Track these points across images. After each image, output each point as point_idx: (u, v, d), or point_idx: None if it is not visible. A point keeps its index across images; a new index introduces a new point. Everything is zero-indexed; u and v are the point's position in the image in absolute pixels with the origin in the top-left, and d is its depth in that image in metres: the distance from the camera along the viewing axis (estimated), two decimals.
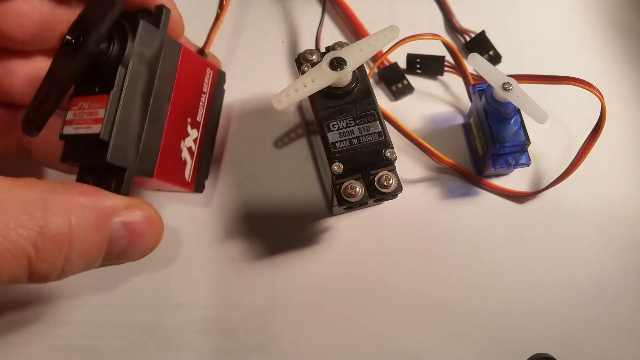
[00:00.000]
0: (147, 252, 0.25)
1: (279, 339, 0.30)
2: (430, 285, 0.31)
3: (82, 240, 0.21)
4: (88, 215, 0.21)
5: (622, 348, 0.30)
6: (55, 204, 0.20)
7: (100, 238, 0.22)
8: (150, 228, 0.24)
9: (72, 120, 0.24)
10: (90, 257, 0.22)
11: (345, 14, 0.37)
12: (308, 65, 0.29)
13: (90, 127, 0.24)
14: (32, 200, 0.20)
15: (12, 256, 0.19)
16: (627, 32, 0.37)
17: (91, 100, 0.24)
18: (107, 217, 0.22)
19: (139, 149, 0.25)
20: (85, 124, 0.24)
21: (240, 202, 0.32)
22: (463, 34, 0.37)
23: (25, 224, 0.19)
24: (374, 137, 0.27)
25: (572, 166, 0.30)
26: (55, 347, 0.30)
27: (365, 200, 0.26)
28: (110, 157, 0.23)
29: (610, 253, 0.31)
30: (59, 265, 0.20)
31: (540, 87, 0.29)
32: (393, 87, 0.35)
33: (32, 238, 0.19)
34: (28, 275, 0.20)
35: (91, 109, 0.24)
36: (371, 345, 0.30)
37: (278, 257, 0.31)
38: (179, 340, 0.30)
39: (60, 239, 0.20)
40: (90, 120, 0.24)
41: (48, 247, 0.20)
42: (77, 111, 0.24)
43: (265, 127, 0.34)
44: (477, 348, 0.30)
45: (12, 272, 0.19)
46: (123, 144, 0.24)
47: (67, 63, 0.23)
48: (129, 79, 0.24)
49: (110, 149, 0.23)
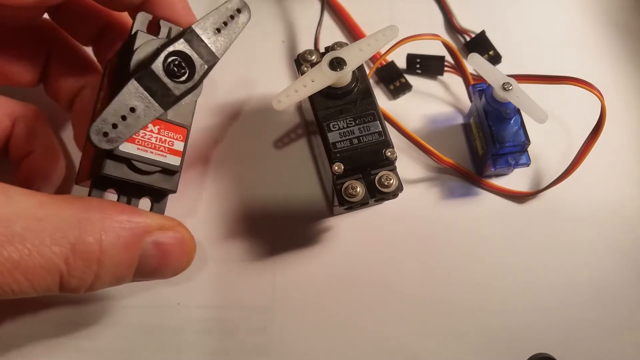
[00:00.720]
0: (177, 272, 0.25)
1: (279, 339, 0.30)
2: (430, 285, 0.31)
3: (112, 259, 0.22)
4: (120, 234, 0.22)
5: (622, 348, 0.30)
6: (89, 222, 0.21)
7: (130, 257, 0.22)
8: (182, 250, 0.24)
9: (135, 139, 0.24)
10: (119, 274, 0.22)
11: (342, 17, 0.37)
12: (307, 65, 0.29)
13: (165, 156, 0.25)
14: (68, 218, 0.21)
15: (45, 272, 0.20)
16: (627, 32, 0.37)
17: (163, 126, 0.25)
18: (139, 237, 0.22)
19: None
20: (155, 149, 0.24)
21: (241, 203, 0.32)
22: (463, 34, 0.37)
23: (59, 242, 0.20)
24: (374, 137, 0.27)
25: (572, 166, 0.30)
26: (56, 347, 0.30)
27: (366, 200, 0.26)
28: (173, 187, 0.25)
29: (610, 253, 0.31)
30: (88, 282, 0.21)
31: (540, 87, 0.29)
32: (391, 86, 0.35)
33: (64, 255, 0.20)
34: (59, 287, 0.21)
35: (162, 135, 0.24)
36: (371, 345, 0.30)
37: (278, 257, 0.31)
38: (179, 340, 0.30)
39: (90, 257, 0.21)
40: (163, 148, 0.25)
41: (79, 265, 0.21)
42: (142, 131, 0.24)
43: (265, 128, 0.34)
44: (477, 348, 0.30)
45: (45, 285, 0.20)
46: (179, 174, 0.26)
47: (168, 92, 0.24)
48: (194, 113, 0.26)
49: (177, 181, 0.25)
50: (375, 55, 0.35)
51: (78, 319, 0.30)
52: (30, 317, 0.30)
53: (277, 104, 0.26)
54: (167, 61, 0.24)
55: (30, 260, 0.20)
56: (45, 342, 0.30)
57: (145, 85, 0.23)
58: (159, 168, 0.25)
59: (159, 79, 0.24)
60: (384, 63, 0.35)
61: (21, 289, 0.20)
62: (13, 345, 0.29)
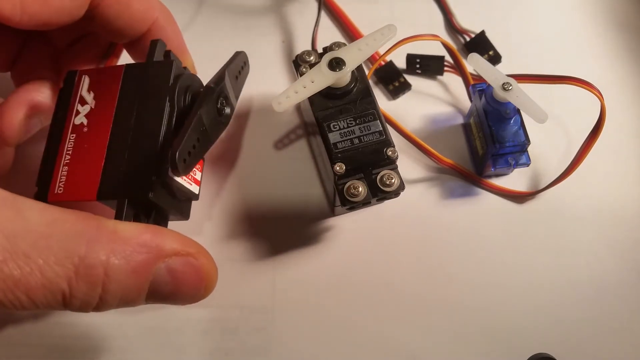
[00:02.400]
0: (195, 300, 0.23)
1: (279, 339, 0.30)
2: (430, 285, 0.31)
3: (119, 283, 0.20)
4: (130, 258, 0.21)
5: (622, 348, 0.30)
6: (98, 243, 0.20)
7: (139, 282, 0.21)
8: (197, 278, 0.23)
9: None
10: (128, 298, 0.21)
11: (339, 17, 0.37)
12: (306, 66, 0.29)
13: (191, 184, 0.27)
14: (77, 236, 0.20)
15: (47, 291, 0.19)
16: (627, 32, 0.37)
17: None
18: (150, 262, 0.21)
19: None
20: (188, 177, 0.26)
21: (241, 203, 0.32)
22: (463, 34, 0.37)
23: (63, 262, 0.19)
24: (374, 137, 0.27)
25: (571, 166, 0.30)
26: (56, 347, 0.29)
27: (368, 200, 0.26)
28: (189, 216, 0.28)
29: (610, 253, 0.31)
30: (92, 304, 0.21)
31: (540, 87, 0.29)
32: (390, 86, 0.35)
33: (67, 276, 0.19)
34: (63, 307, 0.20)
35: None
36: (371, 345, 0.30)
37: (278, 257, 0.31)
38: (179, 340, 0.30)
39: (94, 280, 0.20)
40: (190, 176, 0.27)
41: (81, 287, 0.20)
42: None
43: (265, 129, 0.34)
44: (477, 348, 0.30)
45: (48, 303, 0.20)
46: None
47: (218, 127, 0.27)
48: None
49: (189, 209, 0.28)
50: (374, 56, 0.35)
51: (78, 319, 0.30)
52: (31, 316, 0.30)
53: (277, 106, 0.26)
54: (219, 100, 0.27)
55: (32, 279, 0.19)
56: (45, 342, 0.30)
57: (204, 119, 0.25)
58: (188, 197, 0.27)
59: (215, 115, 0.27)
60: (382, 63, 0.35)
61: (23, 305, 0.19)
62: (14, 346, 0.29)
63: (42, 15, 0.24)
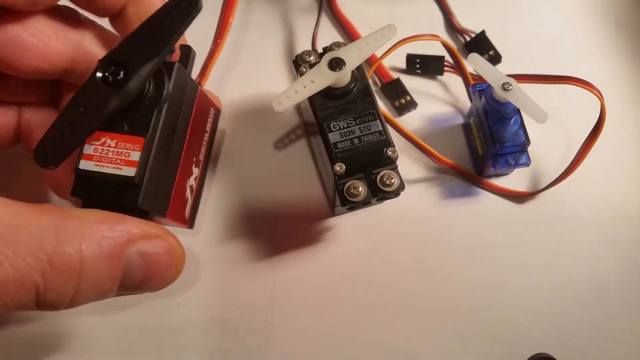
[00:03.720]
0: (165, 284, 0.23)
1: (279, 339, 0.30)
2: (430, 285, 0.31)
3: (94, 271, 0.20)
4: (102, 244, 0.20)
5: (622, 348, 0.30)
6: (68, 231, 0.19)
7: (113, 268, 0.21)
8: (170, 260, 0.23)
9: (93, 156, 0.23)
10: (102, 288, 0.21)
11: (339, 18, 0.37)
12: (306, 66, 0.29)
13: (121, 169, 0.23)
14: (46, 228, 0.19)
15: (19, 286, 0.18)
16: (628, 32, 0.37)
17: (119, 139, 0.23)
18: (122, 246, 0.21)
19: (159, 192, 0.25)
20: (112, 163, 0.23)
21: (241, 203, 0.32)
22: (463, 34, 0.37)
23: (35, 253, 0.18)
24: (374, 137, 0.27)
25: (572, 166, 0.30)
26: (56, 347, 0.30)
27: (368, 200, 0.26)
28: (141, 202, 0.23)
29: (610, 253, 0.31)
30: (68, 296, 0.20)
31: (540, 87, 0.29)
32: (396, 103, 0.35)
33: (40, 267, 0.19)
34: (36, 304, 0.19)
35: (119, 148, 0.23)
36: (371, 345, 0.30)
37: (278, 257, 0.31)
38: (179, 340, 0.30)
39: (70, 268, 0.19)
40: (119, 160, 0.23)
41: (57, 277, 0.19)
42: (100, 147, 0.23)
43: (265, 129, 0.34)
44: (477, 348, 0.30)
45: (19, 301, 0.19)
46: (151, 188, 0.24)
47: (100, 99, 0.22)
48: (163, 123, 0.24)
49: (142, 195, 0.23)
50: (372, 57, 0.35)
51: (78, 319, 0.30)
52: (31, 316, 0.30)
53: (277, 106, 0.26)
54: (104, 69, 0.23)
55: (2, 272, 0.18)
56: (45, 342, 0.30)
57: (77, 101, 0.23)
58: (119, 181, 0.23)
59: (100, 86, 0.23)
60: (388, 79, 0.35)
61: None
62: (13, 346, 0.29)
63: None
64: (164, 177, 0.25)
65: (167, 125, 0.24)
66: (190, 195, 0.29)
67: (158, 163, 0.24)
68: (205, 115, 0.30)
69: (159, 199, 0.25)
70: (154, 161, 0.24)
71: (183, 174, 0.27)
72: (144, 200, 0.23)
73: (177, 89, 0.25)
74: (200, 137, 0.29)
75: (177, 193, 0.27)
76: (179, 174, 0.27)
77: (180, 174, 0.27)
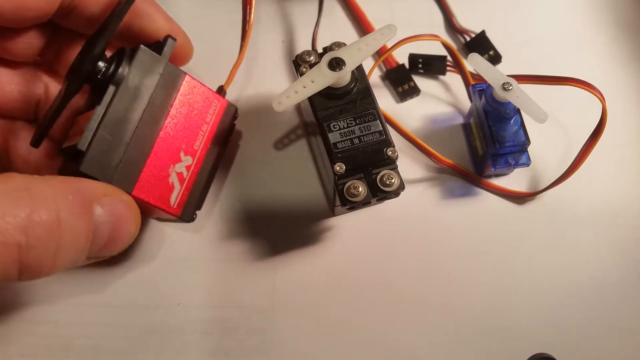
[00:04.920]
0: (129, 240, 0.24)
1: (279, 339, 0.30)
2: (430, 285, 0.31)
3: (71, 228, 0.20)
4: (73, 203, 0.21)
5: (622, 348, 0.30)
6: (41, 192, 0.20)
7: (86, 225, 0.21)
8: (130, 213, 0.24)
9: (71, 137, 0.26)
10: (79, 246, 0.21)
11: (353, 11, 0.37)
12: (306, 66, 0.29)
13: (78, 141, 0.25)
14: (17, 189, 0.19)
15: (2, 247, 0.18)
16: (629, 32, 0.37)
17: (86, 117, 0.26)
18: (90, 203, 0.22)
19: (118, 166, 0.26)
20: (77, 137, 0.25)
21: (241, 203, 0.32)
22: (463, 34, 0.37)
23: (13, 212, 0.18)
24: (374, 136, 0.27)
25: (572, 167, 0.30)
26: (56, 347, 0.30)
27: (368, 200, 0.26)
28: (83, 166, 0.24)
29: (611, 253, 0.31)
30: (50, 257, 0.20)
31: (541, 87, 0.29)
32: (399, 89, 0.35)
33: (21, 225, 0.18)
34: (19, 268, 0.19)
35: (83, 124, 0.25)
36: (371, 345, 0.30)
37: (278, 257, 0.31)
38: (179, 340, 0.30)
39: (51, 226, 0.19)
40: (79, 134, 0.25)
41: (39, 234, 0.19)
42: (76, 128, 0.26)
43: (265, 128, 0.34)
44: (477, 348, 0.30)
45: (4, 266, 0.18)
46: (99, 157, 0.25)
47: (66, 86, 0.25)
48: (117, 98, 0.26)
49: (85, 160, 0.24)
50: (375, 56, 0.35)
51: (78, 320, 0.30)
52: (31, 316, 0.30)
53: (277, 106, 0.26)
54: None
55: None
56: (45, 342, 0.30)
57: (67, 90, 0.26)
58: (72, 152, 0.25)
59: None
60: (393, 64, 0.35)
61: None
62: (14, 346, 0.29)
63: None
64: (130, 155, 0.26)
65: (125, 103, 0.26)
66: (179, 183, 0.29)
67: (110, 134, 0.25)
68: (198, 105, 0.30)
69: (116, 171, 0.26)
70: (102, 132, 0.25)
71: (163, 157, 0.28)
72: (87, 166, 0.24)
73: (143, 71, 0.27)
74: (194, 126, 0.30)
75: (152, 174, 0.27)
76: (154, 155, 0.28)
77: (157, 155, 0.28)
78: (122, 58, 0.26)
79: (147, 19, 0.28)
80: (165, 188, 0.28)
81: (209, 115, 0.30)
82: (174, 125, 0.28)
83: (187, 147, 0.29)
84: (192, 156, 0.29)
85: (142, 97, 0.27)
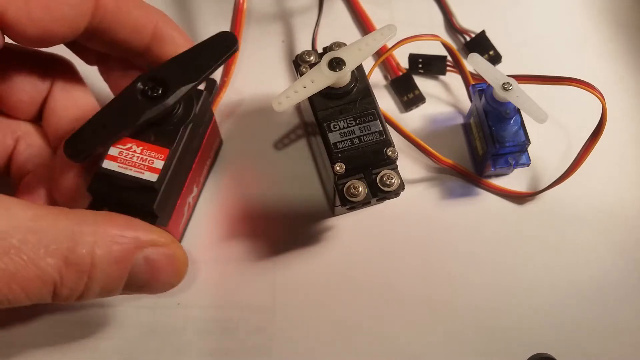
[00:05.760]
0: (167, 289, 0.25)
1: (279, 339, 0.30)
2: (430, 285, 0.31)
3: (103, 272, 0.22)
4: (112, 249, 0.22)
5: (622, 348, 0.30)
6: (82, 235, 0.22)
7: (120, 271, 0.23)
8: (172, 267, 0.25)
9: (117, 158, 0.25)
10: (109, 287, 0.23)
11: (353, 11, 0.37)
12: (306, 66, 0.29)
13: (143, 173, 0.25)
14: (64, 230, 0.22)
15: (41, 282, 0.21)
16: (630, 32, 0.37)
17: (145, 147, 0.26)
18: (130, 252, 0.23)
19: (168, 200, 0.27)
20: (135, 167, 0.25)
21: (241, 203, 0.32)
22: (463, 34, 0.37)
23: (53, 254, 0.21)
24: (374, 136, 0.27)
25: (572, 167, 0.30)
26: (56, 347, 0.29)
27: (368, 200, 0.26)
28: (156, 207, 0.25)
29: (611, 253, 0.31)
30: (79, 292, 0.22)
31: (541, 87, 0.29)
32: (404, 98, 0.35)
33: (58, 267, 0.21)
34: (52, 297, 0.22)
35: (144, 155, 0.25)
36: (371, 345, 0.30)
37: (278, 257, 0.31)
38: (179, 340, 0.30)
39: (82, 269, 0.22)
40: (143, 166, 0.25)
41: (71, 276, 0.22)
42: (125, 151, 0.25)
43: (265, 129, 0.34)
44: (477, 348, 0.30)
45: (40, 295, 0.21)
46: (165, 196, 0.26)
47: (137, 108, 0.25)
48: (185, 140, 0.27)
49: (158, 200, 0.25)
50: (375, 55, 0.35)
51: (78, 320, 0.30)
52: (31, 316, 0.30)
53: (277, 106, 0.26)
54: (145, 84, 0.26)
55: (26, 271, 0.20)
56: (45, 344, 0.30)
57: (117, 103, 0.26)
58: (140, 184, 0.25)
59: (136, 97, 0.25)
60: (399, 73, 0.35)
61: (16, 298, 0.21)
62: (14, 346, 0.29)
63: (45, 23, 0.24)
64: (174, 189, 0.27)
65: (187, 143, 0.27)
66: (187, 212, 0.31)
67: (174, 175, 0.26)
68: (213, 143, 0.32)
69: (167, 208, 0.27)
70: (172, 172, 0.26)
71: (186, 191, 0.29)
72: (159, 206, 0.26)
73: (201, 113, 0.28)
74: (205, 160, 0.32)
75: (179, 206, 0.29)
76: (184, 190, 0.29)
77: (185, 190, 0.29)
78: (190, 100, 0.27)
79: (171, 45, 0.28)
80: (180, 218, 0.30)
81: (212, 150, 0.32)
82: (198, 161, 0.30)
83: (198, 180, 0.31)
84: (198, 187, 0.32)
85: (194, 137, 0.28)
